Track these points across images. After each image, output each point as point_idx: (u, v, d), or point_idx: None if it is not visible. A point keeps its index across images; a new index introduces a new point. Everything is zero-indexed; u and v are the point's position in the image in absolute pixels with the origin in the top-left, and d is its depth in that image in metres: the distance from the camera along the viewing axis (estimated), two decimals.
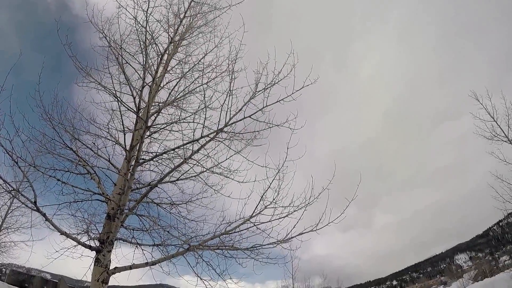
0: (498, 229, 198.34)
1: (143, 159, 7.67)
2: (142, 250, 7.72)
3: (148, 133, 7.74)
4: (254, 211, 6.28)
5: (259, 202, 6.27)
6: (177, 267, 7.13)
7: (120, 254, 7.47)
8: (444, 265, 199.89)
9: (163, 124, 7.47)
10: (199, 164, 6.94)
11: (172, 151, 7.21)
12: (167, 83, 8.37)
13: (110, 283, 6.69)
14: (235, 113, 6.29)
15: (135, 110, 7.27)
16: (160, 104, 7.96)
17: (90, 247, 6.84)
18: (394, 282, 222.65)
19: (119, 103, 7.65)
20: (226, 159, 6.77)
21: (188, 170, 7.06)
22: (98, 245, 6.88)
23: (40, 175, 7.30)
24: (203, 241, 6.50)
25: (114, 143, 8.08)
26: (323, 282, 49.88)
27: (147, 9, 7.37)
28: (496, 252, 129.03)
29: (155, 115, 7.77)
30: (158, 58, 7.80)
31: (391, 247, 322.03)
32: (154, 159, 7.53)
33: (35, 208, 6.49)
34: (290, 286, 18.67)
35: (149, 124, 7.19)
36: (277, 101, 6.07)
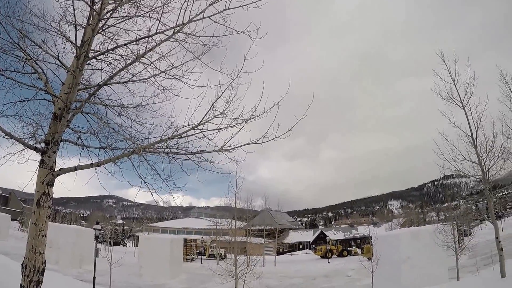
0: (432, 187, 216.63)
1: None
2: (88, 151, 7.55)
3: (101, 31, 7.21)
4: (203, 119, 6.16)
5: (209, 110, 6.15)
6: (123, 172, 7.04)
7: (66, 157, 7.39)
8: (377, 208, 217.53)
9: (117, 18, 6.92)
10: (153, 66, 6.59)
11: (124, 46, 6.75)
12: None
13: (60, 195, 6.59)
14: (196, 15, 5.91)
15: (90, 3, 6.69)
16: (117, 1, 7.35)
17: (35, 149, 6.62)
18: (330, 214, 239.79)
19: None
20: (182, 64, 6.42)
21: (141, 71, 6.71)
22: (43, 146, 6.67)
23: None
24: (150, 144, 6.38)
25: (65, 40, 7.54)
26: (264, 204, 52.90)
27: None
28: (426, 207, 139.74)
29: (111, 12, 7.21)
30: None
31: (332, 181, 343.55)
32: (105, 55, 7.06)
33: None
34: (233, 203, 19.19)
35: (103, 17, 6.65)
36: (240, 6, 5.71)
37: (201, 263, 43.61)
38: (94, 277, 19.57)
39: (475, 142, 12.88)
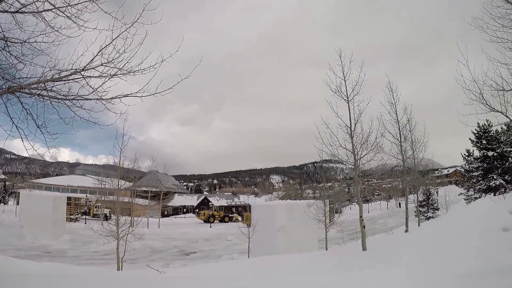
0: (312, 167, 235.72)
1: None
2: None
3: None
4: (88, 64, 5.58)
5: (96, 56, 5.58)
6: None
7: None
8: (260, 180, 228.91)
9: None
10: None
11: None
12: None
13: None
14: None
15: None
16: None
17: None
18: (215, 181, 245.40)
19: None
20: (79, 3, 5.63)
21: (32, 3, 5.75)
22: None
23: None
24: (26, 84, 5.59)
25: None
26: (151, 165, 51.18)
27: None
28: (304, 184, 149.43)
29: None
30: None
31: (221, 151, 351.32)
32: None
33: None
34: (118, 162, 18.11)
35: None
36: None
37: (85, 223, 40.93)
38: None
39: (352, 133, 13.94)
